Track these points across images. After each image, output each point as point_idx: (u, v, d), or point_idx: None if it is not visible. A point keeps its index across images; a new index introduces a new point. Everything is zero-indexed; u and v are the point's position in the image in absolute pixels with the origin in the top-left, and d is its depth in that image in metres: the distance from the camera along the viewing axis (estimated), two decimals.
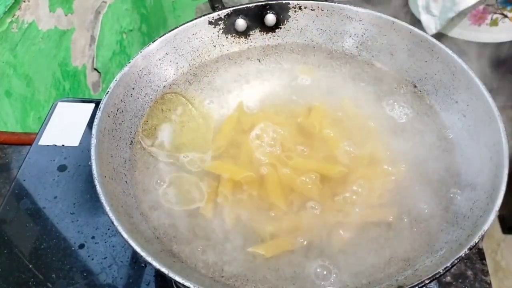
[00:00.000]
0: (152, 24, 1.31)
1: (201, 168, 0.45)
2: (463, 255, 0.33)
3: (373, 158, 0.45)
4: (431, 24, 1.02)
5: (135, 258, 0.49)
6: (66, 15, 0.88)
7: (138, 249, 0.34)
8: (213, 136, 0.47)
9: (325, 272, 0.38)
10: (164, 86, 0.51)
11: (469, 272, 0.50)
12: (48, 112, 0.62)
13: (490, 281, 0.49)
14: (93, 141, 0.40)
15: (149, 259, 0.33)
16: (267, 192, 0.43)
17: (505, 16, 0.97)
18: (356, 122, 0.48)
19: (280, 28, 0.55)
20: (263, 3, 0.53)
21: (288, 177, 0.44)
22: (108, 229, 0.51)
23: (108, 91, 0.44)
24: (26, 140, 0.63)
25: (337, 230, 0.40)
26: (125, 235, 0.34)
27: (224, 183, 0.43)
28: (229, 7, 0.53)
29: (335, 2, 0.54)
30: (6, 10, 0.70)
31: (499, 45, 1.03)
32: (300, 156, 0.46)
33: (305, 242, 0.40)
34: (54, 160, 0.57)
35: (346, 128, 0.48)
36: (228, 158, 0.46)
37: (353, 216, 0.41)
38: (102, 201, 0.36)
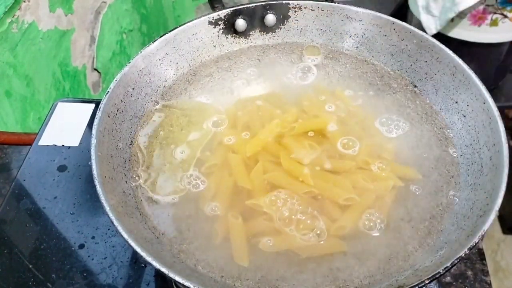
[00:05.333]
0: (152, 24, 1.31)
1: (200, 169, 0.45)
2: (463, 255, 0.33)
3: (372, 158, 0.45)
4: (431, 24, 1.02)
5: (135, 258, 0.49)
6: (66, 15, 0.88)
7: (138, 249, 0.34)
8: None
9: (325, 274, 0.38)
10: (164, 86, 0.51)
11: (469, 272, 0.50)
12: (48, 112, 0.63)
13: (490, 281, 0.49)
14: (93, 141, 0.40)
15: (149, 259, 0.33)
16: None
17: (505, 16, 0.97)
18: (355, 121, 0.48)
19: (280, 28, 0.55)
20: (263, 3, 0.53)
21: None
22: (108, 229, 0.51)
23: (108, 91, 0.44)
24: (26, 140, 0.63)
25: (337, 230, 0.40)
26: (125, 235, 0.34)
27: (225, 180, 0.43)
28: (229, 7, 0.53)
29: (335, 2, 0.54)
30: (6, 10, 0.70)
31: (499, 45, 1.03)
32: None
33: (305, 243, 0.40)
34: (54, 160, 0.57)
35: (346, 126, 0.48)
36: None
37: (353, 216, 0.41)
38: (102, 201, 0.36)
